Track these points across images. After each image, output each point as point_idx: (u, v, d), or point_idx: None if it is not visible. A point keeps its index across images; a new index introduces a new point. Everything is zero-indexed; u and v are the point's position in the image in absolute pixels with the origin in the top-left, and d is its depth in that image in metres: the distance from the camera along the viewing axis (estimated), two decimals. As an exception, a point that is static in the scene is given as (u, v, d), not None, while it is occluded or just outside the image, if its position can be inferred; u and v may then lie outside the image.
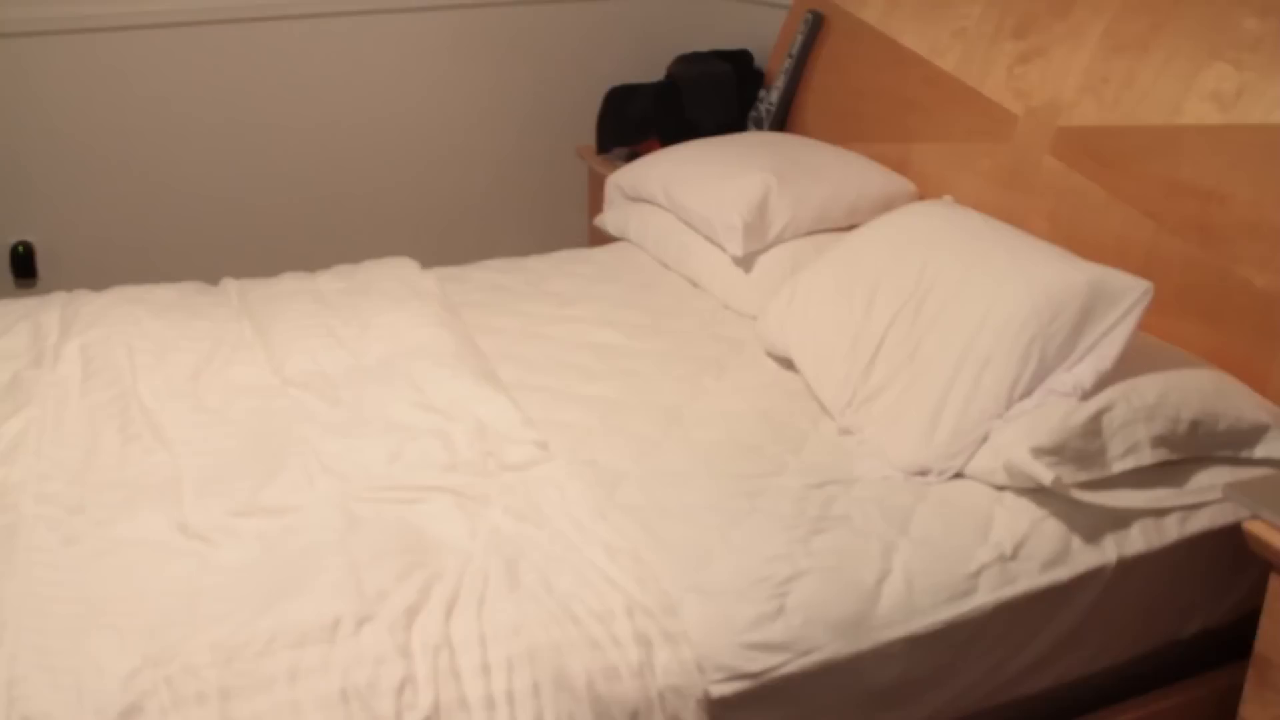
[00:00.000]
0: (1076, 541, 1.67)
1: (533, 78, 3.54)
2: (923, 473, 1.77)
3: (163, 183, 3.24)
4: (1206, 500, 1.74)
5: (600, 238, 2.91)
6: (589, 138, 3.35)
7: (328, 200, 3.43)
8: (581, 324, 2.26)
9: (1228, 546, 1.73)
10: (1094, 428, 1.68)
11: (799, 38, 2.93)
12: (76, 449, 1.75)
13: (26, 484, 1.66)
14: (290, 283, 2.38)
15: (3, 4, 2.95)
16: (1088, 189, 2.14)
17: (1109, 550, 1.68)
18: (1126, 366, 1.75)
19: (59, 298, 2.24)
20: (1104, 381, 1.72)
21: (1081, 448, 1.67)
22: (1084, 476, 1.67)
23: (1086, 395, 1.71)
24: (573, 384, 2.03)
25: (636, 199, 2.74)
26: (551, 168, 3.66)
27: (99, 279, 3.21)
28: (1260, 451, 1.78)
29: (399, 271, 2.42)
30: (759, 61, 3.24)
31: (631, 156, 3.13)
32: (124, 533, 1.55)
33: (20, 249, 3.11)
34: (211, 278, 2.59)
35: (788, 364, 2.11)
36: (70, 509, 1.60)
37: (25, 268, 3.12)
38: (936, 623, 1.56)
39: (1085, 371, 1.73)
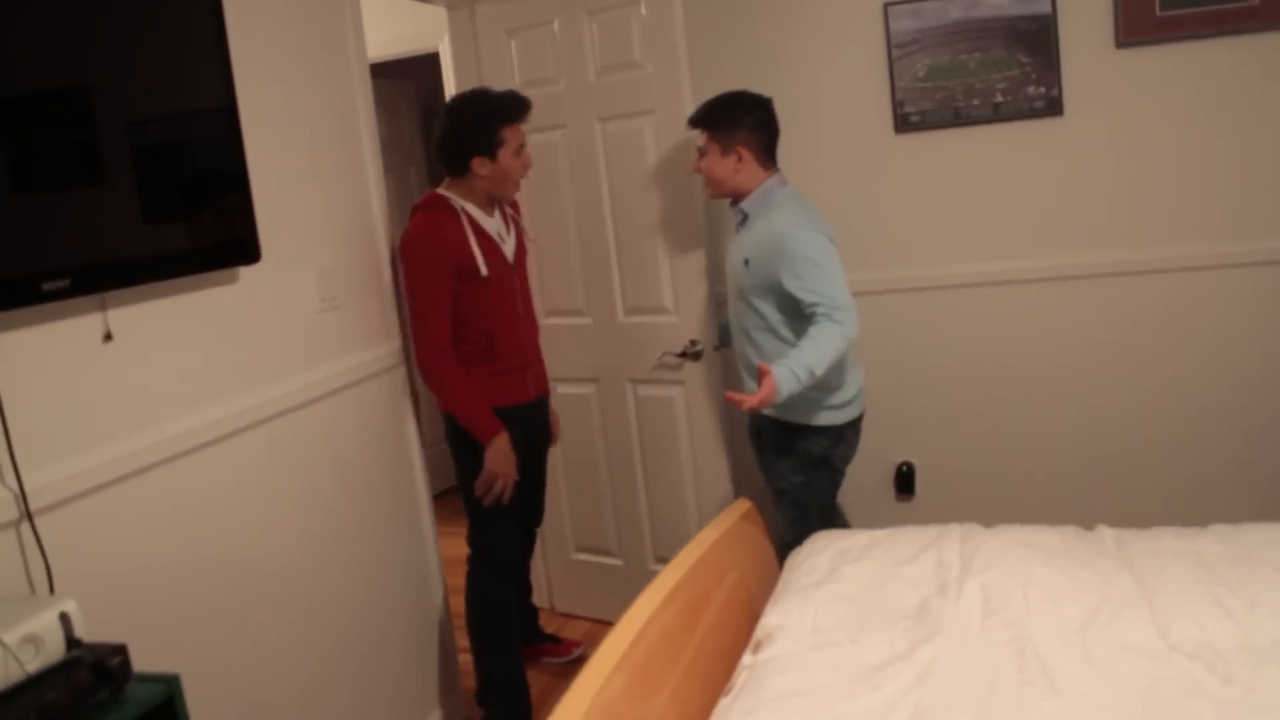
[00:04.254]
0: None
1: None
2: None
3: (1018, 417, 3.50)
4: None
5: None
6: None
7: (1178, 448, 3.42)
8: None
9: None
10: None
11: None
12: (979, 683, 1.95)
13: (936, 710, 1.89)
14: (1169, 540, 2.41)
15: (889, 266, 3.48)
16: None
17: None
18: None
19: (955, 530, 2.53)
20: None
21: None
22: None
23: None
24: None
25: None
26: None
27: (964, 498, 3.53)
28: None
29: (1288, 540, 2.32)
30: None
31: None
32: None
33: (904, 468, 3.56)
34: (1062, 509, 2.65)
35: None
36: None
37: (906, 485, 3.55)
38: None
39: None
